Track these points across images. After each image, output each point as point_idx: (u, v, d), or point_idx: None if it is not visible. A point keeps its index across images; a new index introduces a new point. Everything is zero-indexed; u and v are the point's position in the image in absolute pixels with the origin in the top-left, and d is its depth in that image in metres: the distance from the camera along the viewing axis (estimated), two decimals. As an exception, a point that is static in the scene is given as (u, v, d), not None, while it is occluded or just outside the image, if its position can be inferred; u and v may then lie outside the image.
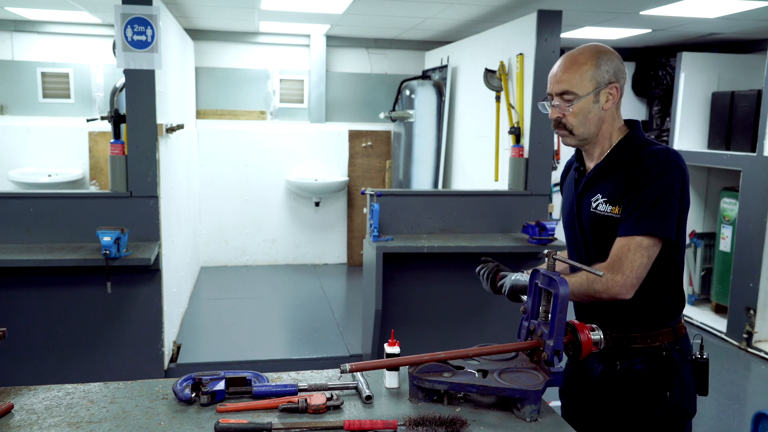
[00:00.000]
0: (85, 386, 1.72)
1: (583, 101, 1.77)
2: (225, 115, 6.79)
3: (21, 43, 6.27)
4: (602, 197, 1.79)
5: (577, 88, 1.76)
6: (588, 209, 1.83)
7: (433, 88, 6.05)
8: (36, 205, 3.60)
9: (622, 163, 1.79)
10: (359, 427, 1.49)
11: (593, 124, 1.80)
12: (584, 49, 1.79)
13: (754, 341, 4.89)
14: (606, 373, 1.86)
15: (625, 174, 1.76)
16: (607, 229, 1.77)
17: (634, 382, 1.81)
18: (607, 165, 1.82)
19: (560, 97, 1.79)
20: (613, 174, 1.80)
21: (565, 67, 1.79)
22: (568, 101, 1.78)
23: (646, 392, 1.80)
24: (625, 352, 1.83)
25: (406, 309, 4.26)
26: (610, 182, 1.79)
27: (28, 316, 3.65)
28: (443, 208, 4.23)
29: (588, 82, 1.76)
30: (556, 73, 1.80)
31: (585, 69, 1.76)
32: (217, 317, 5.29)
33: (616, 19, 5.23)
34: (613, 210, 1.76)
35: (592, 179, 1.85)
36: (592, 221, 1.82)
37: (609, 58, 1.78)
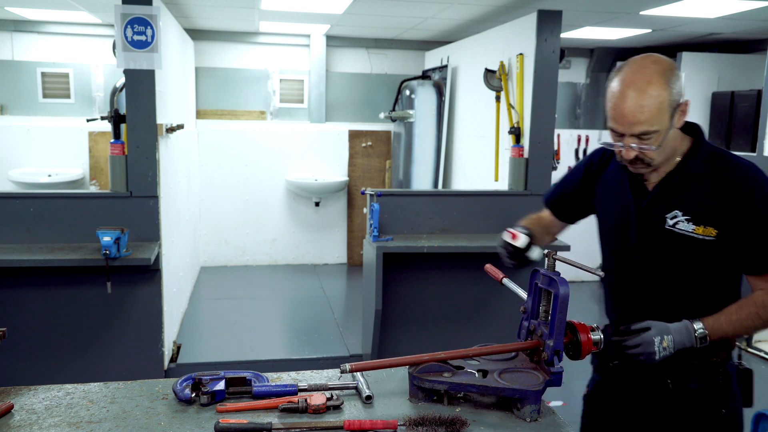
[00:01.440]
0: (85, 386, 1.72)
1: (663, 134, 1.59)
2: (225, 115, 6.79)
3: (21, 43, 6.27)
4: (683, 215, 1.66)
5: (657, 125, 1.57)
6: (659, 226, 1.69)
7: (433, 88, 6.05)
8: (36, 205, 3.60)
9: (700, 176, 1.65)
10: (359, 427, 1.48)
11: (668, 149, 1.65)
12: (652, 74, 1.57)
13: (754, 341, 4.89)
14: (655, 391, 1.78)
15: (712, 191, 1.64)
16: (685, 249, 1.66)
17: (689, 401, 1.72)
18: (683, 178, 1.67)
19: (638, 137, 1.59)
20: (692, 189, 1.66)
21: (639, 106, 1.55)
22: (648, 139, 1.59)
23: (701, 411, 1.72)
24: (678, 369, 1.73)
25: (406, 309, 4.26)
26: (692, 198, 1.66)
27: (28, 316, 3.65)
28: (443, 208, 4.23)
29: (665, 113, 1.57)
30: (628, 114, 1.57)
31: (661, 101, 1.56)
32: (217, 317, 5.29)
33: (616, 19, 5.23)
34: (697, 230, 1.64)
35: (663, 192, 1.70)
36: (666, 240, 1.68)
37: (676, 75, 1.59)
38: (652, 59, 1.61)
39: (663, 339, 1.63)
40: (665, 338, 1.63)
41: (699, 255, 1.67)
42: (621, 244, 1.80)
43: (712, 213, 1.64)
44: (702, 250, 1.66)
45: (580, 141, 7.12)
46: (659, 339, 1.63)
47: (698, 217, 1.65)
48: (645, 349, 1.63)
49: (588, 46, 7.06)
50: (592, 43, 6.81)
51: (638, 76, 1.58)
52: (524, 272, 2.60)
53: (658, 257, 1.71)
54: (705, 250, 1.66)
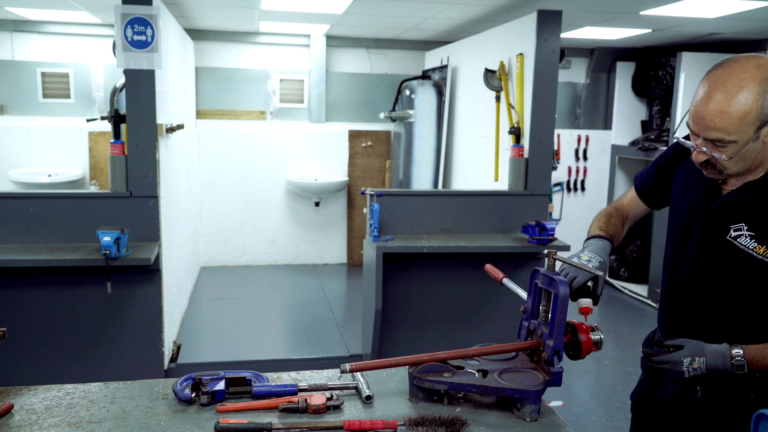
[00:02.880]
0: (85, 386, 1.72)
1: (741, 145, 1.46)
2: (225, 115, 6.79)
3: (21, 43, 6.27)
4: (748, 230, 1.55)
5: (735, 135, 1.45)
6: (721, 234, 1.60)
7: (433, 88, 6.05)
8: (36, 205, 3.60)
9: None
10: (359, 427, 1.49)
11: (749, 161, 1.52)
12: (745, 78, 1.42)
13: (754, 341, 4.88)
14: (684, 396, 1.73)
15: None
16: (741, 265, 1.56)
17: (717, 413, 1.66)
18: (758, 193, 1.56)
19: (711, 143, 1.49)
20: (758, 205, 1.56)
21: (719, 111, 1.43)
22: (722, 147, 1.48)
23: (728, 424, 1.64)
24: (709, 379, 1.65)
25: (406, 309, 4.26)
26: (763, 215, 1.55)
27: (28, 316, 3.65)
28: (443, 208, 4.23)
29: (750, 126, 1.44)
30: (706, 116, 1.46)
31: (747, 111, 1.42)
32: (217, 317, 5.29)
33: (616, 19, 5.23)
34: (758, 249, 1.53)
35: (735, 201, 1.60)
36: (724, 251, 1.59)
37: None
38: (755, 62, 1.46)
39: (694, 360, 1.58)
40: (696, 360, 1.58)
41: (755, 275, 1.56)
42: (680, 246, 1.72)
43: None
44: (759, 271, 1.55)
45: (580, 141, 7.13)
46: (689, 360, 1.59)
47: (764, 235, 1.54)
48: (672, 368, 1.61)
49: (588, 46, 7.06)
50: (592, 43, 6.82)
51: (733, 78, 1.44)
52: (524, 272, 2.60)
53: (712, 268, 1.63)
54: (762, 272, 1.55)
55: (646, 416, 1.88)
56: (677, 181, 1.79)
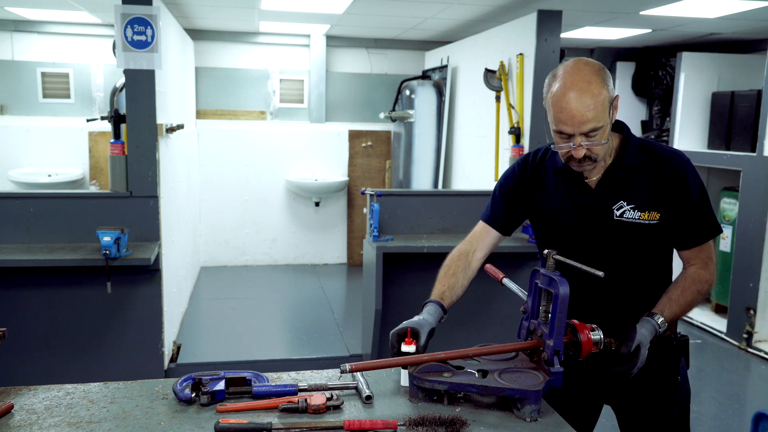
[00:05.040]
0: (85, 386, 1.72)
1: (605, 127, 1.70)
2: (225, 115, 6.79)
3: (21, 43, 6.27)
4: (627, 204, 1.78)
5: (601, 120, 1.67)
6: (608, 217, 1.80)
7: (433, 88, 6.05)
8: (36, 205, 3.60)
9: (638, 167, 1.78)
10: (359, 427, 1.49)
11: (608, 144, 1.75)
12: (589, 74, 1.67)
13: (754, 341, 4.89)
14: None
15: (646, 180, 1.77)
16: (634, 235, 1.78)
17: (650, 374, 1.84)
18: (623, 172, 1.79)
19: (586, 135, 1.68)
20: (632, 180, 1.79)
21: (585, 105, 1.64)
22: (594, 136, 1.68)
23: (660, 380, 1.87)
24: None
25: (406, 309, 4.23)
26: (633, 188, 1.78)
27: (28, 316, 3.65)
28: (443, 208, 4.23)
29: (606, 109, 1.68)
30: (576, 113, 1.65)
31: (602, 98, 1.66)
32: (217, 317, 5.29)
33: (616, 19, 5.23)
34: (643, 216, 1.77)
35: (607, 187, 1.81)
36: (617, 229, 1.79)
37: (607, 73, 1.71)
38: (583, 62, 1.71)
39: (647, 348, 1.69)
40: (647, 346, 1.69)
41: (646, 238, 1.79)
42: (573, 239, 1.86)
43: (654, 199, 1.77)
44: (648, 234, 1.79)
45: (580, 141, 7.12)
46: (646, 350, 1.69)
47: (642, 204, 1.77)
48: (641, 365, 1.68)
49: (588, 46, 7.06)
50: (592, 43, 6.82)
51: (577, 78, 1.66)
52: (524, 272, 2.60)
53: (611, 245, 1.81)
54: (651, 233, 1.79)
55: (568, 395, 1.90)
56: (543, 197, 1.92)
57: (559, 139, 1.73)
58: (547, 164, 1.92)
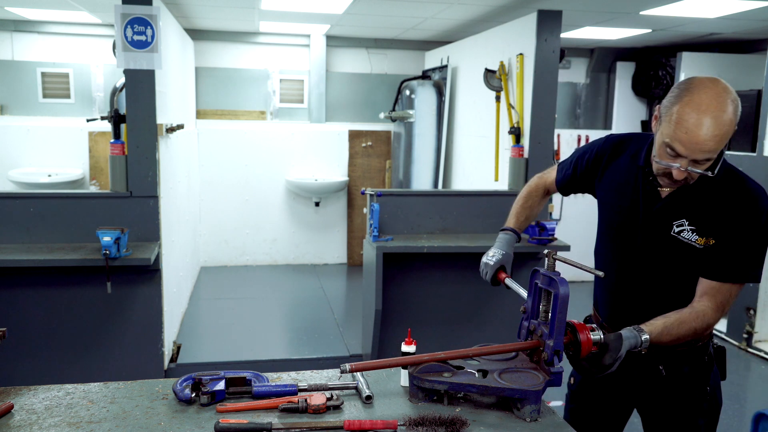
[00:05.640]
0: (85, 386, 1.72)
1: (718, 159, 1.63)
2: (225, 115, 6.79)
3: (21, 43, 6.27)
4: (689, 225, 1.72)
5: (719, 151, 1.59)
6: (665, 231, 1.75)
7: (433, 88, 6.05)
8: (36, 205, 3.60)
9: (712, 191, 1.69)
10: (359, 427, 1.49)
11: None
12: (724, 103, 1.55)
13: (754, 341, 4.89)
14: (648, 377, 1.88)
15: (718, 206, 1.69)
16: (685, 256, 1.74)
17: (680, 383, 1.85)
18: (694, 191, 1.71)
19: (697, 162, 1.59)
20: (702, 201, 1.71)
21: (713, 133, 1.54)
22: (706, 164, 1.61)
23: (690, 390, 1.86)
24: (669, 356, 1.84)
25: (406, 309, 4.25)
26: (700, 211, 1.71)
27: (28, 316, 3.64)
28: (443, 208, 4.23)
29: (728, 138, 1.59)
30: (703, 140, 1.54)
31: (729, 130, 1.56)
32: (217, 317, 5.29)
33: (616, 19, 5.23)
34: (699, 240, 1.71)
35: (675, 201, 1.74)
36: (670, 245, 1.75)
37: (739, 103, 1.59)
38: (722, 86, 1.58)
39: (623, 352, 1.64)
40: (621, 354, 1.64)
41: (696, 261, 1.75)
42: (625, 243, 1.84)
43: (716, 225, 1.70)
44: (697, 257, 1.74)
45: (580, 141, 7.12)
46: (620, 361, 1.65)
47: (703, 228, 1.72)
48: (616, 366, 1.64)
49: (588, 46, 7.06)
50: (592, 43, 6.82)
51: (715, 104, 1.55)
52: (524, 272, 2.60)
53: (660, 260, 1.78)
54: (701, 257, 1.74)
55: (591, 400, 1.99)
56: (608, 182, 1.90)
57: (664, 153, 1.63)
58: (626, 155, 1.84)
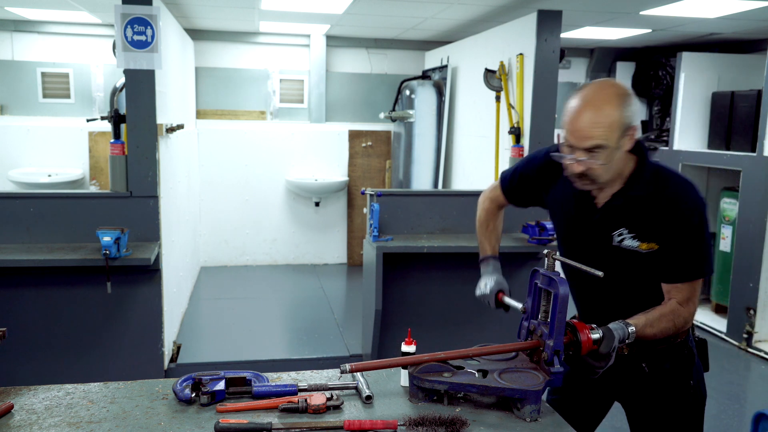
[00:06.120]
0: (85, 386, 1.72)
1: (611, 151, 1.68)
2: (225, 115, 6.79)
3: (21, 43, 6.27)
4: (628, 233, 1.78)
5: (607, 141, 1.66)
6: (607, 242, 1.81)
7: (433, 88, 6.05)
8: (36, 205, 3.60)
9: (643, 199, 1.76)
10: (359, 427, 1.49)
11: (616, 168, 1.74)
12: (609, 95, 1.68)
13: (754, 341, 4.89)
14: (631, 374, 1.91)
15: (651, 211, 1.75)
16: (632, 263, 1.78)
17: (663, 380, 1.88)
18: (626, 201, 1.78)
19: (587, 151, 1.68)
20: (636, 209, 1.77)
21: (593, 120, 1.66)
22: (596, 155, 1.68)
23: (673, 386, 1.89)
24: (650, 354, 1.87)
25: (406, 309, 4.25)
26: (636, 218, 1.77)
27: (28, 316, 3.65)
28: (443, 208, 4.23)
29: (616, 132, 1.67)
30: (583, 128, 1.67)
31: (613, 120, 1.66)
32: (217, 317, 5.29)
33: (616, 19, 5.23)
34: (641, 246, 1.76)
35: (609, 212, 1.81)
36: (614, 254, 1.81)
37: (631, 101, 1.70)
38: (610, 83, 1.73)
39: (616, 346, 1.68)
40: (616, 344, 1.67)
41: (644, 266, 1.80)
42: (576, 254, 1.86)
43: (655, 229, 1.76)
44: (646, 262, 1.79)
45: (580, 141, 7.12)
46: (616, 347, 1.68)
47: (642, 233, 1.77)
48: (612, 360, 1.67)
49: (588, 46, 7.06)
50: (592, 43, 6.81)
51: (596, 96, 1.69)
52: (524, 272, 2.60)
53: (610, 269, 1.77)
54: (649, 262, 1.79)
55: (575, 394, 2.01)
56: (553, 196, 1.97)
57: (565, 149, 1.74)
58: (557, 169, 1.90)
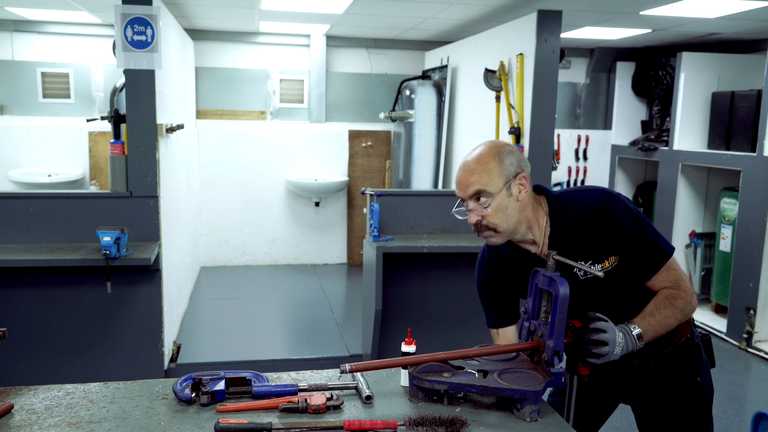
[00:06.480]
0: (85, 386, 1.72)
1: (499, 198, 1.75)
2: (225, 115, 6.79)
3: (21, 43, 6.27)
4: (585, 263, 1.79)
5: (488, 186, 1.75)
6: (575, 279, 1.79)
7: (433, 88, 6.05)
8: (36, 205, 3.60)
9: (571, 227, 1.80)
10: (359, 427, 1.49)
11: (514, 217, 1.78)
12: (483, 150, 1.79)
13: (754, 341, 4.89)
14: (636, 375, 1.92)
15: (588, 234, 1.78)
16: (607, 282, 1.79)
17: (668, 378, 1.90)
18: (561, 238, 1.80)
19: (475, 200, 1.77)
20: (573, 240, 1.79)
21: (469, 170, 1.77)
22: (484, 202, 1.76)
23: (679, 383, 1.91)
24: (656, 356, 1.89)
25: (406, 309, 4.26)
26: (582, 245, 1.79)
27: (28, 316, 3.65)
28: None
29: (497, 179, 1.75)
30: (462, 178, 1.79)
31: (491, 167, 1.75)
32: (217, 317, 5.29)
33: (616, 19, 5.23)
34: (605, 265, 1.79)
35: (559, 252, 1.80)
36: (591, 285, 1.82)
37: (509, 151, 1.79)
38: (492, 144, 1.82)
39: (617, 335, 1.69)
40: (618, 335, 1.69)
41: (618, 277, 1.81)
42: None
43: (603, 247, 1.79)
44: (618, 274, 1.80)
45: (580, 141, 7.13)
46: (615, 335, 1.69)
47: (598, 255, 1.79)
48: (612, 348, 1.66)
49: (588, 46, 7.06)
50: (592, 43, 6.81)
51: (474, 152, 1.81)
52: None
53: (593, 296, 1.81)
54: (619, 272, 1.80)
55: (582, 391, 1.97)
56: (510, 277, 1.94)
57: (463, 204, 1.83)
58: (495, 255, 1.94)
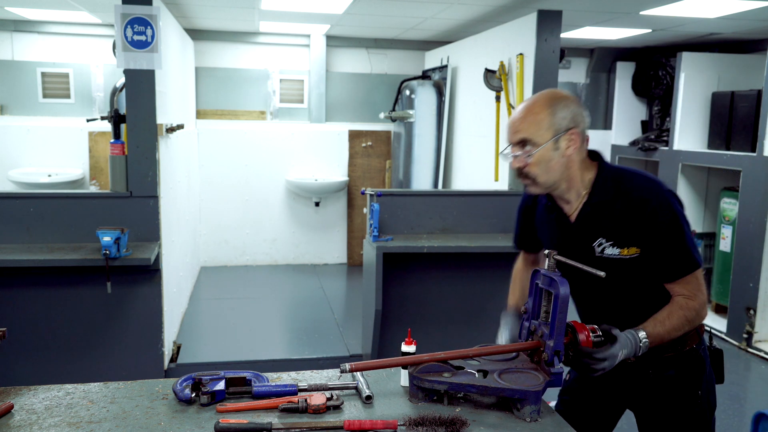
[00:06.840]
0: (85, 386, 1.72)
1: (543, 150, 1.73)
2: (225, 115, 6.79)
3: (21, 43, 6.27)
4: (606, 241, 1.78)
5: (535, 136, 1.73)
6: (590, 254, 1.80)
7: (433, 88, 6.05)
8: (36, 205, 3.60)
9: (608, 203, 1.78)
10: (359, 427, 1.49)
11: (557, 171, 1.77)
12: (539, 97, 1.78)
13: (754, 341, 4.89)
14: (636, 378, 1.91)
15: (623, 216, 1.75)
16: (618, 270, 1.77)
17: (668, 387, 1.87)
18: (593, 209, 1.80)
19: (520, 146, 1.76)
20: (605, 215, 1.78)
21: (521, 117, 1.77)
22: (528, 150, 1.75)
23: (678, 394, 1.87)
24: (657, 361, 1.86)
25: (406, 309, 4.25)
26: (609, 226, 1.78)
27: (28, 316, 3.65)
28: (443, 208, 4.23)
29: (545, 131, 1.73)
30: (513, 123, 1.78)
31: (541, 118, 1.74)
32: (217, 317, 5.29)
33: (616, 19, 5.23)
34: (623, 252, 1.77)
35: (582, 224, 1.83)
36: (602, 265, 1.75)
37: (565, 104, 1.76)
38: (549, 90, 1.84)
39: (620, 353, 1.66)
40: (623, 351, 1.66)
41: (633, 271, 1.79)
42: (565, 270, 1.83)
43: (629, 234, 1.76)
44: (632, 267, 1.79)
45: (580, 141, 7.12)
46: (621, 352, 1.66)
47: (620, 240, 1.78)
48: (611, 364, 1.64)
49: (588, 46, 7.06)
50: (592, 43, 6.81)
51: (531, 99, 1.81)
52: (524, 272, 2.57)
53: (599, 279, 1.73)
54: (635, 267, 1.79)
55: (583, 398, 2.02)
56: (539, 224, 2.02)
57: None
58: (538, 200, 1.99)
